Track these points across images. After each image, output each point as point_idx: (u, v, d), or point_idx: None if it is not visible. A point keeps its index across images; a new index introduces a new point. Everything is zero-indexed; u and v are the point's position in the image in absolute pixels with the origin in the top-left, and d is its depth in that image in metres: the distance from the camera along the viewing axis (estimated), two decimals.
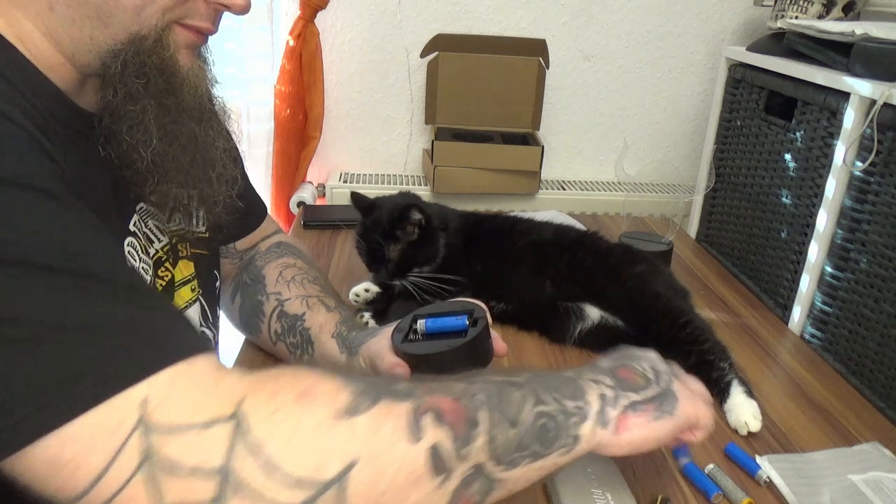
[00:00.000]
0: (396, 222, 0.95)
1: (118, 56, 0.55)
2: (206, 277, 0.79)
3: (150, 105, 0.58)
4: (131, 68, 0.56)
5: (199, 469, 0.39)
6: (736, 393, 0.81)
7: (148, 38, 0.55)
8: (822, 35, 1.09)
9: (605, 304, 0.94)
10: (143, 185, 0.61)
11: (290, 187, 1.71)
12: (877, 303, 0.93)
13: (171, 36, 0.57)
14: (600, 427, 0.51)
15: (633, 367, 0.57)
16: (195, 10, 0.58)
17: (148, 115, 0.58)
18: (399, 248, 0.95)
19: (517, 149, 1.64)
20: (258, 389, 0.43)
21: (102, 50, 0.55)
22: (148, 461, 0.39)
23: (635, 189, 1.80)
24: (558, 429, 0.49)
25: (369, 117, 1.78)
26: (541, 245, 1.00)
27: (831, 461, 0.75)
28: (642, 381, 0.56)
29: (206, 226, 0.75)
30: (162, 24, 0.56)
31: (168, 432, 0.40)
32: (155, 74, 0.57)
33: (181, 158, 0.61)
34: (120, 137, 0.58)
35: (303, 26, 1.58)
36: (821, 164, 1.05)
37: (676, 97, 1.83)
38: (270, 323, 0.82)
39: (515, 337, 0.97)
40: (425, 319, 0.71)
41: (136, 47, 0.55)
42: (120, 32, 0.55)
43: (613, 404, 0.53)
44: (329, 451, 0.42)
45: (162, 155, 0.59)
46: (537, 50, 1.65)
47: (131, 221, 0.65)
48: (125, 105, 0.57)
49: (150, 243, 0.68)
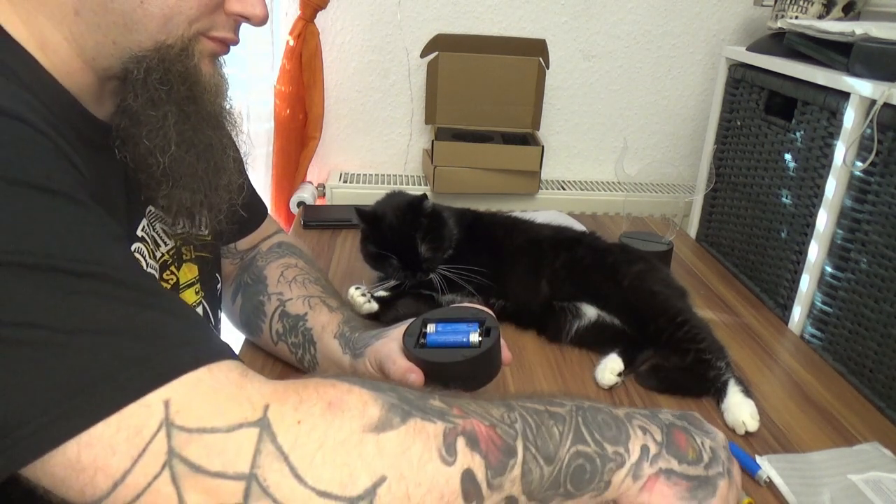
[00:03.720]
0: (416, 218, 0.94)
1: (141, 62, 0.56)
2: (209, 280, 0.79)
3: (172, 111, 0.58)
4: (155, 75, 0.56)
5: (223, 473, 0.39)
6: (733, 392, 0.81)
7: (174, 46, 0.56)
8: (822, 35, 1.09)
9: (602, 304, 0.94)
10: (156, 188, 0.61)
11: (290, 187, 1.71)
12: (877, 303, 0.93)
13: (197, 46, 0.58)
14: (631, 479, 0.49)
15: (691, 437, 0.54)
16: (219, 22, 0.59)
17: (168, 121, 0.58)
18: (427, 241, 0.94)
19: (517, 149, 1.64)
20: (284, 397, 0.42)
21: (125, 55, 0.56)
22: (171, 464, 0.39)
23: (635, 189, 1.80)
24: (594, 472, 0.48)
25: (369, 117, 1.78)
26: (538, 243, 1.00)
27: (831, 461, 0.75)
28: (692, 455, 0.52)
29: (209, 229, 0.76)
30: (189, 34, 0.57)
31: (192, 435, 0.39)
32: (178, 82, 0.57)
33: (196, 165, 0.62)
34: (138, 140, 0.58)
35: (303, 26, 1.58)
36: (821, 164, 1.05)
37: (676, 97, 1.83)
38: (272, 323, 0.82)
39: (515, 335, 0.97)
40: (436, 324, 0.70)
41: (162, 55, 0.56)
42: (146, 40, 0.55)
43: (651, 462, 0.50)
44: (357, 466, 0.41)
45: (178, 161, 0.60)
46: (537, 50, 1.65)
47: (140, 226, 0.65)
48: (146, 110, 0.57)
49: (157, 247, 0.68)
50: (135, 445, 0.39)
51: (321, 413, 0.42)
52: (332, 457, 0.40)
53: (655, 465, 0.50)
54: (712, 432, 0.56)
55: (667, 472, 0.50)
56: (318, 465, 0.40)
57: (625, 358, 0.87)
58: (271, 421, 0.40)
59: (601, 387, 0.85)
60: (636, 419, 0.52)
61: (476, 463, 0.43)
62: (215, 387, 0.42)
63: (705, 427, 0.56)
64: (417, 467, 0.42)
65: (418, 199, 0.95)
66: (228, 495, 0.39)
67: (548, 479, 0.46)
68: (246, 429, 0.40)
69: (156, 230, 0.68)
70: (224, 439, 0.40)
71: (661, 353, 0.89)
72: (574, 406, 0.50)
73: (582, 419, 0.49)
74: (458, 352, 0.66)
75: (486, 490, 0.43)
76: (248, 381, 0.43)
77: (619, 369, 0.86)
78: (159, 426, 0.39)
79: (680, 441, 0.52)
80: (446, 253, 0.96)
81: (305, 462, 0.40)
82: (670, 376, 0.86)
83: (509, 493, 0.44)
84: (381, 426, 0.42)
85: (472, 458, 0.43)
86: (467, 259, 0.97)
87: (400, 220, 0.94)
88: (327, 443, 0.41)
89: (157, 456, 0.39)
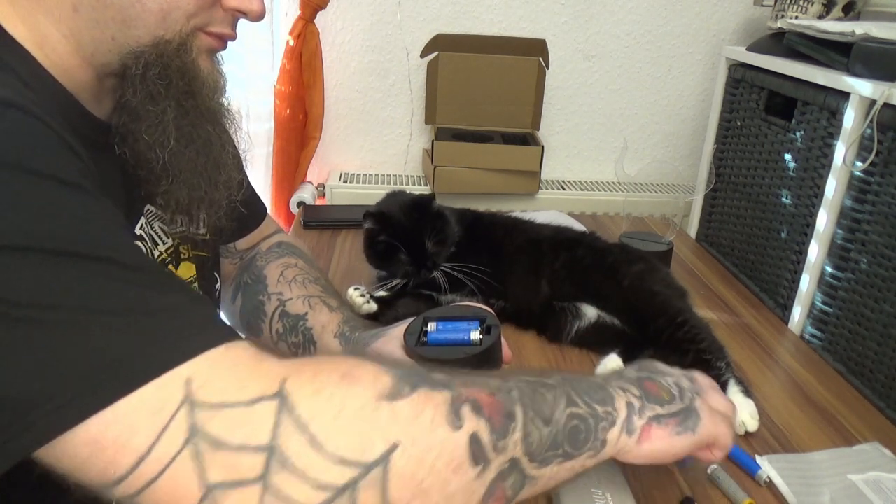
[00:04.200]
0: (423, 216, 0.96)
1: (140, 57, 0.56)
2: (207, 279, 0.79)
3: (171, 106, 0.58)
4: (154, 70, 0.56)
5: (245, 446, 0.39)
6: (733, 392, 0.81)
7: (172, 41, 0.56)
8: (822, 35, 1.09)
9: (602, 304, 0.94)
10: (156, 184, 0.61)
11: (290, 187, 1.71)
12: (877, 303, 0.93)
13: (195, 41, 0.58)
14: (626, 434, 0.52)
15: (658, 381, 0.58)
16: (216, 17, 0.59)
17: (168, 116, 0.58)
18: (433, 238, 0.95)
19: (517, 149, 1.64)
20: (300, 371, 0.43)
21: (123, 51, 0.56)
22: (193, 440, 0.39)
23: (635, 189, 1.80)
24: (588, 431, 0.50)
25: (369, 117, 1.78)
26: (538, 244, 1.00)
27: (831, 461, 0.75)
28: (667, 396, 0.56)
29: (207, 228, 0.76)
30: (187, 29, 0.57)
31: (214, 410, 0.40)
32: (177, 77, 0.58)
33: (195, 160, 0.62)
34: (138, 136, 0.58)
35: (303, 26, 1.58)
36: (821, 164, 1.05)
37: (676, 97, 1.83)
38: (272, 323, 0.82)
39: (515, 335, 0.97)
40: (437, 322, 0.70)
41: (160, 50, 0.56)
42: (144, 35, 0.55)
43: (640, 414, 0.54)
44: (373, 432, 0.42)
45: (178, 155, 0.60)
46: (537, 50, 1.65)
47: (138, 225, 0.65)
48: (145, 105, 0.57)
49: (155, 245, 0.68)
50: (157, 422, 0.39)
51: (336, 383, 0.43)
52: (349, 424, 0.41)
53: (644, 416, 0.54)
54: (668, 371, 0.61)
55: (655, 418, 0.54)
56: (336, 432, 0.41)
57: (625, 358, 0.87)
58: (290, 392, 0.41)
59: None
60: (612, 381, 0.56)
61: (481, 426, 0.45)
62: (234, 364, 0.43)
63: (660, 368, 0.61)
64: (429, 432, 0.43)
65: (427, 197, 0.97)
66: (248, 469, 0.39)
67: (547, 440, 0.48)
68: (266, 402, 0.41)
69: (154, 229, 0.68)
70: (245, 413, 0.40)
71: (662, 353, 0.89)
72: (561, 377, 0.53)
73: (571, 386, 0.52)
74: (458, 349, 0.66)
75: (492, 452, 0.45)
76: (265, 358, 0.44)
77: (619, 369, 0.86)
78: (181, 403, 0.40)
79: (652, 388, 0.56)
80: (449, 251, 0.97)
81: (324, 430, 0.41)
82: None
83: (513, 454, 0.46)
84: (393, 395, 0.43)
85: (477, 422, 0.45)
86: (468, 259, 0.97)
87: (408, 218, 0.95)
88: (345, 411, 0.42)
89: (178, 433, 0.39)
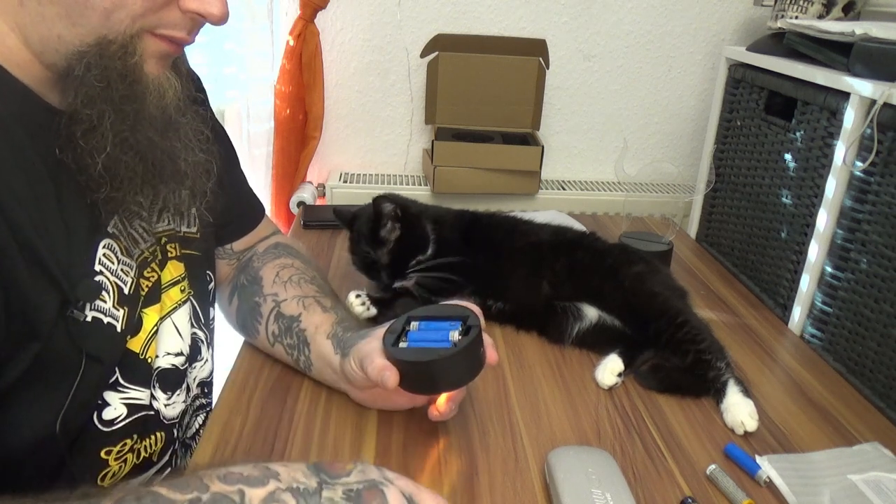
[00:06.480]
0: (375, 223, 0.93)
1: (83, 58, 0.54)
2: (198, 278, 0.78)
3: (108, 110, 0.56)
4: (94, 71, 0.55)
5: None
6: (732, 392, 0.81)
7: (114, 42, 0.55)
8: (822, 35, 1.09)
9: (602, 304, 0.94)
10: (97, 190, 0.59)
11: (290, 187, 1.71)
12: (877, 303, 0.92)
13: (139, 44, 0.56)
14: None
15: None
16: (169, 20, 0.57)
17: (105, 121, 0.56)
18: (387, 249, 0.93)
19: (517, 149, 1.64)
20: None
21: (69, 50, 0.54)
22: None
23: (635, 189, 1.80)
24: None
25: (369, 117, 1.78)
26: (538, 245, 1.00)
27: (831, 461, 0.75)
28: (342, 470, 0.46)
29: (197, 226, 0.75)
30: (132, 30, 0.55)
31: None
32: (116, 80, 0.56)
33: (136, 167, 0.60)
34: (75, 141, 0.56)
35: (303, 26, 1.58)
36: (821, 164, 1.05)
37: (676, 97, 1.83)
38: (268, 324, 0.82)
39: (515, 336, 0.97)
40: (419, 322, 0.70)
41: (101, 51, 0.54)
42: (88, 34, 0.54)
43: None
44: None
45: (116, 161, 0.58)
46: (537, 50, 1.64)
47: (111, 223, 0.64)
48: (83, 109, 0.56)
49: (136, 244, 0.67)
50: None
51: None
52: None
53: None
54: None
55: None
56: None
57: (625, 358, 0.87)
58: None
59: (601, 387, 0.85)
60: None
61: None
62: None
63: None
64: None
65: (377, 201, 0.92)
66: None
67: None
68: None
69: (133, 227, 0.66)
70: None
71: (662, 354, 0.89)
72: None
73: None
74: (434, 351, 0.65)
75: None
76: None
77: (619, 369, 0.86)
78: None
79: None
80: (417, 258, 0.94)
81: None
82: (670, 376, 0.86)
83: None
84: None
85: None
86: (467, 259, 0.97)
87: (364, 225, 0.94)
88: None
89: None
